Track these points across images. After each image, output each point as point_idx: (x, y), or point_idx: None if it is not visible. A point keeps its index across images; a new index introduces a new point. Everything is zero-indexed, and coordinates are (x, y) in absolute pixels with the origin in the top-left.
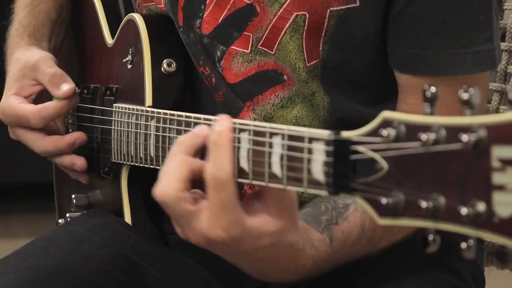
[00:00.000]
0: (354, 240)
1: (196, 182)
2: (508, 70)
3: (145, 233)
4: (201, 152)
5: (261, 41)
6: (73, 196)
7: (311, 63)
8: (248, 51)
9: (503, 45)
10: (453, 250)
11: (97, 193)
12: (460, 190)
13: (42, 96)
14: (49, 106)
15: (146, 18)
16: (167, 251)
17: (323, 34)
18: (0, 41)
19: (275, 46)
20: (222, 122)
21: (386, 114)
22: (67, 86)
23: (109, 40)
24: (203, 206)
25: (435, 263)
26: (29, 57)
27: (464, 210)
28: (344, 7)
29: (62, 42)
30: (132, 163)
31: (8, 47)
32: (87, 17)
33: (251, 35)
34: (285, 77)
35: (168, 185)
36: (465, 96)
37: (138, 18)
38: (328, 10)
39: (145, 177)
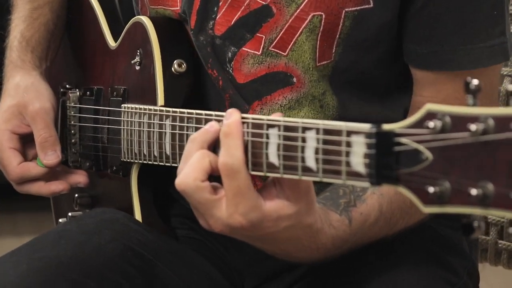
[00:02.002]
0: (373, 221)
1: (215, 178)
2: None
3: (154, 228)
4: (213, 147)
5: (274, 42)
6: (76, 195)
7: (321, 63)
8: (259, 53)
9: None
10: (449, 247)
11: (102, 191)
12: (511, 177)
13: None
14: (31, 171)
15: (153, 20)
16: (174, 245)
17: (337, 36)
18: None
19: (289, 47)
20: (231, 115)
21: (430, 106)
22: (53, 156)
23: (111, 42)
24: (222, 195)
25: (431, 259)
26: (32, 95)
27: None
28: (358, 8)
29: (56, 55)
30: (144, 162)
31: (10, 60)
32: (87, 21)
33: (263, 36)
34: (294, 79)
35: (188, 175)
36: (511, 87)
37: (146, 20)
38: (344, 11)
39: (154, 174)
